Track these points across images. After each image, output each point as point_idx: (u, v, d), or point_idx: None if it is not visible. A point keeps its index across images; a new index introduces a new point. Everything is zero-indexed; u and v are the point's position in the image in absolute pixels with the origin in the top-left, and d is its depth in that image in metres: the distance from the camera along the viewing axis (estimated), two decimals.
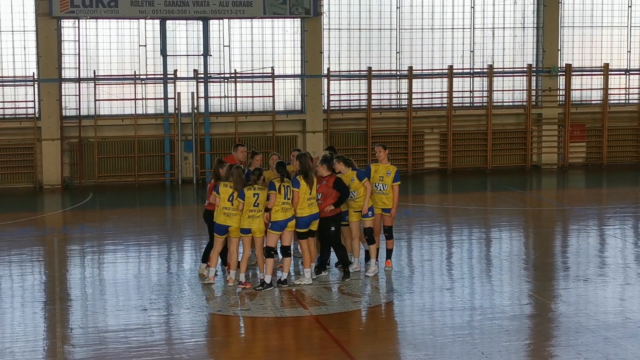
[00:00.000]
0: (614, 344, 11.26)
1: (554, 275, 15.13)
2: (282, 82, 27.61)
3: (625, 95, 30.11)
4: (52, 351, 11.36)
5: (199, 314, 12.94)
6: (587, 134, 29.64)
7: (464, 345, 11.41)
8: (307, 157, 14.16)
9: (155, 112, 26.88)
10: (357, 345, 11.54)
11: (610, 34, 29.67)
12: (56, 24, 25.60)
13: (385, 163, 14.79)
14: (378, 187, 14.66)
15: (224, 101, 27.23)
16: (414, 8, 28.25)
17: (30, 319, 12.84)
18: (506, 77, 29.12)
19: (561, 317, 12.47)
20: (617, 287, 14.15)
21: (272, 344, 11.82)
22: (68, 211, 22.91)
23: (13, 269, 16.14)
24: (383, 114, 28.15)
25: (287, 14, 26.52)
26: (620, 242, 17.67)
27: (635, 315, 12.50)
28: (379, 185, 14.66)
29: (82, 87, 26.17)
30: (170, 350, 11.43)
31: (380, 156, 14.81)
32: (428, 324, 12.50)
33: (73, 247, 18.10)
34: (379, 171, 14.70)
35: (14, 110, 26.02)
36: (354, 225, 14.64)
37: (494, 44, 28.91)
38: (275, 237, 13.80)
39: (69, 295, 14.00)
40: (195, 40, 26.79)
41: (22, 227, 19.93)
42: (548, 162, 29.23)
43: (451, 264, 15.76)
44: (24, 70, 25.89)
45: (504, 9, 28.90)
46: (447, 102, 28.44)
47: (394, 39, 28.21)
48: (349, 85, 28.10)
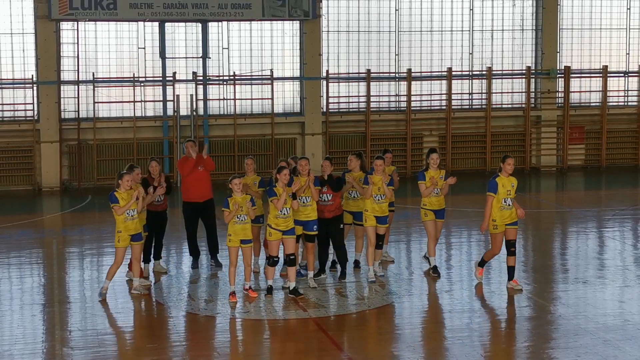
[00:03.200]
0: (613, 346, 11.25)
1: (553, 277, 15.14)
2: (281, 85, 27.62)
3: (624, 98, 30.13)
4: (51, 354, 11.35)
5: (198, 316, 12.93)
6: (586, 136, 29.65)
7: (463, 348, 11.40)
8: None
9: (154, 114, 26.88)
10: (356, 347, 11.54)
11: (609, 36, 29.69)
12: (55, 27, 25.61)
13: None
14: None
15: (223, 103, 27.23)
16: (412, 10, 28.28)
17: (29, 321, 12.84)
18: (505, 80, 29.14)
19: (560, 319, 12.46)
20: (616, 289, 14.14)
21: (271, 346, 11.81)
22: (67, 213, 22.90)
23: (12, 272, 16.13)
24: (382, 117, 28.16)
25: (286, 17, 26.53)
26: (619, 244, 17.67)
27: (634, 318, 12.50)
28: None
29: (81, 89, 26.18)
30: (169, 352, 11.42)
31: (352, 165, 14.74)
32: (427, 326, 12.49)
33: (72, 249, 18.09)
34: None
35: (13, 112, 26.02)
36: (370, 231, 14.35)
37: (492, 47, 28.92)
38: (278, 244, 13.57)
39: (68, 298, 13.99)
40: (194, 42, 26.80)
41: (21, 230, 19.92)
42: (547, 164, 29.24)
43: (450, 266, 15.76)
44: (23, 72, 25.89)
45: (502, 12, 28.92)
46: (446, 104, 28.45)
47: (393, 42, 28.23)
48: (348, 88, 28.11)
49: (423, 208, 14.70)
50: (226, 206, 13.31)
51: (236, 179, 13.53)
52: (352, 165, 14.78)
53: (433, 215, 14.63)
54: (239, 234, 13.33)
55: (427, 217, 14.67)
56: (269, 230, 13.43)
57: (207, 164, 15.59)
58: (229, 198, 13.37)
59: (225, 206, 13.31)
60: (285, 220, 13.44)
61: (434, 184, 14.43)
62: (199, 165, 15.46)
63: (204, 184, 15.57)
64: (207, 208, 15.68)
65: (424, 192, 14.53)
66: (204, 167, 15.54)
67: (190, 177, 15.45)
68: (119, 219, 13.53)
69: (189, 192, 15.56)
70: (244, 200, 13.36)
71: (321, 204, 14.19)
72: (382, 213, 14.33)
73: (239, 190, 13.43)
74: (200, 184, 15.50)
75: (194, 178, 15.45)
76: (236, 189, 13.43)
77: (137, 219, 13.64)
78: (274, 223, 13.39)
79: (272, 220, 13.41)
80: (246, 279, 13.69)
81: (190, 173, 15.43)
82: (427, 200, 14.62)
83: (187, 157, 15.56)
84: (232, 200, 13.35)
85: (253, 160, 14.99)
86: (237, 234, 13.33)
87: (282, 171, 13.49)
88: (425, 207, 14.65)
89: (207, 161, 15.58)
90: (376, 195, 14.26)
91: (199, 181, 15.50)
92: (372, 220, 14.29)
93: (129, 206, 13.46)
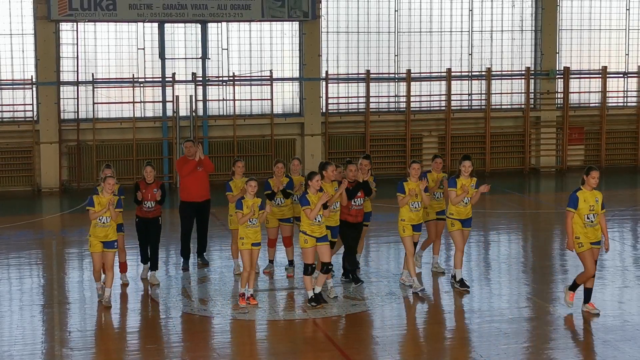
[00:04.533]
0: (613, 347, 11.25)
1: (553, 278, 15.14)
2: (281, 85, 27.62)
3: (624, 98, 30.12)
4: (51, 354, 11.35)
5: (197, 316, 12.93)
6: (585, 136, 29.65)
7: (462, 349, 11.41)
8: None
9: (153, 115, 26.87)
10: (355, 348, 11.54)
11: (608, 37, 29.70)
12: (54, 27, 25.60)
13: None
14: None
15: (223, 104, 27.22)
16: (412, 11, 28.27)
17: (28, 322, 12.84)
18: (504, 80, 29.13)
19: (560, 319, 12.46)
20: (615, 289, 14.15)
21: (271, 346, 11.81)
22: (66, 214, 22.89)
23: (11, 272, 16.14)
24: (381, 117, 28.16)
25: (286, 17, 26.53)
26: (618, 245, 17.66)
27: (633, 318, 12.50)
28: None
29: (81, 90, 26.17)
30: (168, 353, 11.42)
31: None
32: (427, 326, 12.49)
33: (71, 250, 18.09)
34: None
35: (13, 113, 26.01)
36: (408, 241, 13.82)
37: (492, 47, 28.93)
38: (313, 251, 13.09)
39: (67, 299, 13.99)
40: (194, 43, 26.80)
41: (21, 230, 19.91)
42: (546, 164, 29.24)
43: (449, 267, 15.75)
44: (23, 73, 25.88)
45: (502, 12, 28.92)
46: (445, 105, 28.45)
47: (393, 42, 28.23)
48: (347, 88, 28.10)
49: (450, 217, 13.88)
50: (239, 207, 13.08)
51: (253, 182, 13.19)
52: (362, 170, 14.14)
53: (460, 224, 13.85)
54: (251, 237, 13.12)
55: (454, 227, 13.85)
56: (304, 237, 12.95)
57: (205, 165, 15.61)
58: (242, 200, 13.15)
59: (239, 207, 13.08)
60: (319, 227, 12.99)
61: (465, 192, 13.74)
62: (198, 165, 15.52)
63: (202, 184, 15.64)
64: (204, 208, 15.83)
65: (453, 200, 13.76)
66: (202, 168, 15.58)
67: (189, 177, 15.52)
68: (92, 224, 13.26)
69: (186, 192, 15.64)
70: (255, 204, 13.11)
71: (355, 208, 13.79)
72: (418, 221, 13.87)
73: (254, 192, 13.14)
74: (198, 184, 15.56)
75: (193, 178, 15.52)
76: (251, 191, 13.14)
77: (109, 226, 13.24)
78: (309, 230, 12.93)
79: (306, 227, 12.95)
80: (250, 286, 13.35)
81: (189, 174, 15.48)
82: (455, 209, 13.82)
83: (186, 157, 15.60)
84: (245, 202, 13.09)
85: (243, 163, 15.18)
86: (249, 237, 13.09)
87: (313, 177, 13.02)
88: (452, 216, 13.84)
89: (205, 162, 15.61)
90: (413, 203, 13.73)
91: (197, 181, 15.56)
92: (410, 229, 13.80)
93: (101, 214, 13.12)
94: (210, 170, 15.78)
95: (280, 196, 14.60)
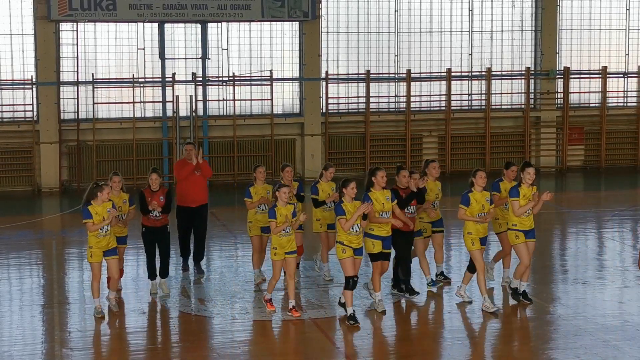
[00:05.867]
0: (613, 347, 11.25)
1: (553, 278, 15.13)
2: (281, 85, 27.62)
3: (624, 98, 30.13)
4: (51, 354, 11.35)
5: (197, 317, 12.93)
6: (585, 136, 29.66)
7: (462, 349, 11.41)
8: None
9: (153, 115, 26.88)
10: (356, 347, 11.53)
11: (608, 37, 29.71)
12: (54, 27, 25.61)
13: None
14: None
15: (223, 104, 27.23)
16: (412, 11, 28.28)
17: (28, 322, 12.84)
18: (504, 80, 29.14)
19: (560, 319, 12.46)
20: (615, 289, 14.14)
21: (270, 347, 11.81)
22: (66, 214, 22.89)
23: (11, 272, 16.13)
24: (381, 117, 28.16)
25: (286, 17, 26.54)
26: (618, 245, 17.66)
27: (633, 318, 12.50)
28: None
29: (81, 90, 26.18)
30: (168, 353, 11.42)
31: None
32: (426, 327, 12.48)
33: (71, 250, 18.09)
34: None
35: (13, 113, 26.02)
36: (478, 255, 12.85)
37: (492, 47, 28.93)
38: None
39: (67, 299, 13.99)
40: (194, 43, 26.81)
41: (21, 230, 19.91)
42: (546, 165, 29.24)
43: (449, 267, 15.74)
44: (23, 73, 25.90)
45: (502, 12, 28.93)
46: (445, 105, 28.45)
47: (392, 42, 28.24)
48: (347, 89, 28.11)
49: (512, 229, 12.82)
50: (273, 217, 12.35)
51: (285, 188, 12.49)
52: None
53: (524, 236, 12.81)
54: (285, 247, 12.47)
55: (519, 240, 12.79)
56: (341, 247, 12.17)
57: (203, 170, 15.11)
58: (275, 208, 12.39)
59: (272, 217, 12.36)
60: (357, 237, 12.19)
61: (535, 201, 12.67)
62: (196, 170, 14.98)
63: (199, 189, 15.10)
64: (200, 213, 15.20)
65: (517, 211, 12.69)
66: (200, 172, 15.06)
67: (187, 181, 14.98)
68: (90, 235, 12.68)
69: (183, 197, 15.12)
70: (288, 211, 12.49)
71: (408, 216, 13.01)
72: (485, 233, 12.90)
73: (287, 200, 12.49)
74: (195, 188, 15.02)
75: (190, 182, 14.97)
76: (284, 198, 12.45)
77: (109, 234, 12.78)
78: (347, 240, 12.14)
79: (343, 237, 12.17)
80: (290, 296, 12.70)
81: (186, 177, 14.97)
82: (518, 220, 12.75)
83: (186, 161, 15.15)
84: (278, 210, 12.38)
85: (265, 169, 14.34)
86: (283, 246, 12.44)
87: (348, 185, 12.20)
88: (516, 227, 12.78)
89: (204, 166, 15.12)
90: (479, 214, 12.75)
91: (195, 185, 15.03)
92: (478, 243, 12.84)
93: (102, 225, 12.60)
94: (208, 175, 15.27)
95: (294, 201, 14.12)
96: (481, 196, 12.72)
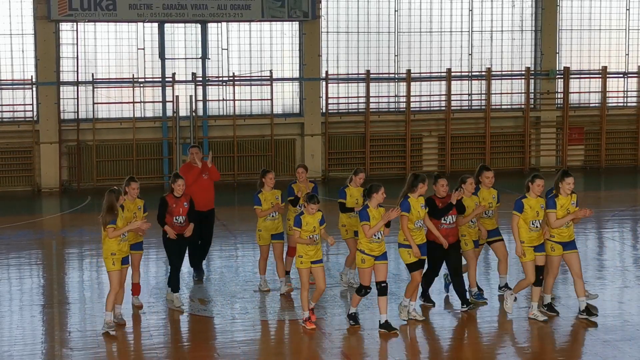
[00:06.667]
0: (613, 347, 11.25)
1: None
2: (281, 85, 27.62)
3: (624, 98, 30.13)
4: (51, 354, 11.35)
5: (197, 317, 12.92)
6: (585, 136, 29.66)
7: (462, 349, 11.40)
8: None
9: (153, 115, 26.88)
10: (354, 348, 11.53)
11: (608, 37, 29.71)
12: (54, 27, 25.61)
13: None
14: None
15: (223, 104, 27.23)
16: (412, 11, 28.29)
17: (28, 322, 12.84)
18: (504, 80, 29.15)
19: (560, 319, 12.45)
20: (615, 290, 14.14)
21: (271, 347, 11.81)
22: (66, 214, 22.89)
23: (11, 272, 16.13)
24: (381, 117, 28.16)
25: (286, 17, 26.53)
26: (618, 245, 17.67)
27: (633, 318, 12.50)
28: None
29: (81, 90, 26.17)
30: (168, 353, 11.42)
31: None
32: (426, 327, 12.48)
33: (71, 250, 18.09)
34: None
35: (13, 113, 26.02)
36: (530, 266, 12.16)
37: (492, 47, 28.94)
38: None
39: (67, 299, 13.99)
40: (194, 43, 26.81)
41: (21, 230, 19.91)
42: (546, 165, 29.23)
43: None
44: (23, 73, 25.90)
45: (502, 12, 28.93)
46: (445, 105, 28.45)
47: (392, 42, 28.24)
48: (347, 89, 28.11)
49: (550, 241, 12.24)
50: (298, 225, 11.90)
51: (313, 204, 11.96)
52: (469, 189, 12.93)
53: (561, 249, 12.22)
54: (311, 255, 12.00)
55: (555, 252, 12.27)
56: (361, 256, 11.79)
57: (211, 173, 14.89)
58: (301, 216, 11.95)
59: (297, 225, 11.91)
60: (379, 244, 11.79)
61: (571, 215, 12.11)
62: (203, 173, 14.76)
63: (207, 193, 14.77)
64: (208, 218, 14.90)
65: (554, 223, 12.09)
66: (208, 175, 14.83)
67: (193, 185, 14.42)
68: (111, 242, 11.94)
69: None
70: (315, 220, 12.02)
71: (445, 227, 12.47)
72: (539, 241, 12.23)
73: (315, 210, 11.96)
74: (203, 192, 14.61)
75: (198, 186, 14.53)
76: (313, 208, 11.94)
77: (127, 240, 12.21)
78: (367, 248, 11.75)
79: (364, 245, 11.76)
80: (313, 299, 12.26)
81: (194, 182, 14.53)
82: (557, 232, 12.18)
83: (191, 164, 14.82)
84: (305, 218, 11.93)
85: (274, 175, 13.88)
86: (308, 255, 11.98)
87: (380, 189, 11.78)
88: (553, 239, 12.22)
89: (211, 170, 14.89)
90: (533, 221, 12.11)
91: (203, 189, 14.66)
92: (531, 253, 12.13)
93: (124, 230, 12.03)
94: (216, 179, 14.99)
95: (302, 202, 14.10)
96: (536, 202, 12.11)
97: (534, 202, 12.10)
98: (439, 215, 12.41)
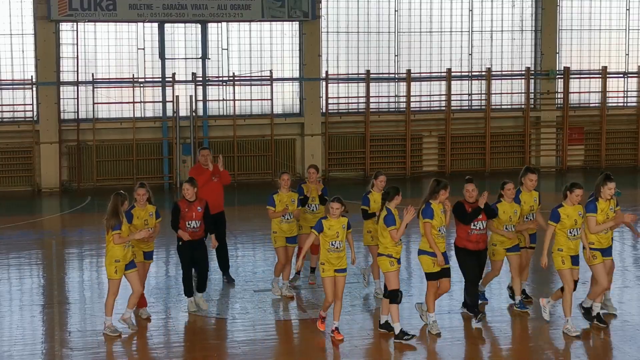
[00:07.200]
0: (613, 347, 11.25)
1: (552, 278, 15.12)
2: (281, 85, 27.62)
3: (624, 98, 30.14)
4: (51, 354, 11.35)
5: (197, 317, 12.93)
6: (585, 136, 29.66)
7: (462, 348, 11.41)
8: None
9: (153, 115, 26.88)
10: (355, 347, 11.53)
11: (608, 37, 29.72)
12: (54, 27, 25.61)
13: None
14: None
15: (223, 104, 27.23)
16: (412, 11, 28.29)
17: (28, 322, 12.84)
18: (504, 80, 29.15)
19: (560, 319, 12.44)
20: (615, 289, 14.12)
21: (271, 347, 11.81)
22: (66, 214, 22.90)
23: (11, 272, 16.14)
24: (381, 117, 28.16)
25: (286, 17, 26.53)
26: (618, 245, 17.66)
27: (633, 318, 12.51)
28: None
29: (81, 90, 26.17)
30: (168, 353, 11.43)
31: None
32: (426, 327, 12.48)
33: (71, 250, 18.10)
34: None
35: (13, 113, 26.02)
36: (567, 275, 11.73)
37: (492, 47, 28.94)
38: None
39: (67, 299, 13.99)
40: (194, 43, 26.81)
41: (21, 231, 19.92)
42: (546, 164, 29.24)
43: (450, 267, 15.73)
44: (23, 73, 25.90)
45: (502, 12, 28.93)
46: (445, 105, 28.45)
47: (393, 42, 28.24)
48: (347, 89, 28.11)
49: (591, 250, 11.80)
50: (319, 229, 11.55)
51: (336, 203, 11.51)
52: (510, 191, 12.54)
53: (601, 255, 11.81)
54: (334, 263, 11.54)
55: (596, 260, 11.75)
56: (389, 260, 11.54)
57: (222, 176, 14.73)
58: (323, 220, 11.60)
59: (318, 229, 11.57)
60: (400, 247, 11.67)
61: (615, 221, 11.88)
62: (213, 175, 14.57)
63: (217, 196, 14.58)
64: (218, 220, 14.63)
65: (594, 229, 11.72)
66: (218, 179, 14.66)
67: (204, 188, 14.04)
68: (116, 248, 11.72)
69: None
70: (339, 224, 11.60)
71: (476, 233, 12.04)
72: (577, 251, 11.73)
73: (339, 214, 11.55)
74: (213, 195, 14.27)
75: (208, 189, 14.23)
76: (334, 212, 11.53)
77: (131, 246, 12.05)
78: (394, 251, 11.53)
79: (391, 249, 11.52)
80: (335, 317, 11.67)
81: (204, 184, 14.19)
82: (595, 238, 11.78)
83: (202, 167, 14.60)
84: (328, 222, 11.55)
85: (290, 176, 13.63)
86: (332, 263, 11.53)
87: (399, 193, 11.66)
88: (593, 245, 11.77)
89: (223, 173, 14.72)
90: (571, 230, 11.68)
91: (213, 192, 14.41)
92: (569, 261, 11.69)
93: (130, 239, 11.83)
94: (226, 183, 14.82)
95: (316, 202, 13.89)
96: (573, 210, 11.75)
97: (571, 211, 11.69)
98: (467, 220, 12.02)
